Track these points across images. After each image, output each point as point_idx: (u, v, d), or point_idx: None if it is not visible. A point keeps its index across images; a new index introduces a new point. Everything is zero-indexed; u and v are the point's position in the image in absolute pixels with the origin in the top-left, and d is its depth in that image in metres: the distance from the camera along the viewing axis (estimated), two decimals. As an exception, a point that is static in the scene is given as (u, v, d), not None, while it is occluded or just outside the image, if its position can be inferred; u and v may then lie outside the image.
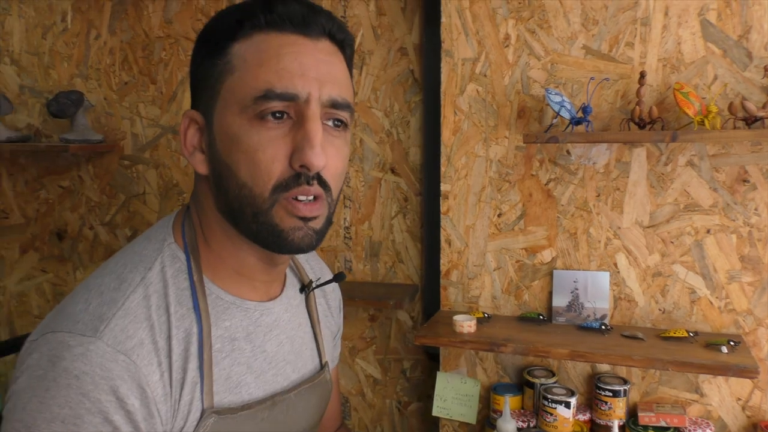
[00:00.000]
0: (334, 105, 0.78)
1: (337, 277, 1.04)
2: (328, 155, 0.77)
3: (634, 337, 1.51)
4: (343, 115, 0.80)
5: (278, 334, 0.91)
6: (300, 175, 0.75)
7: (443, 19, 1.67)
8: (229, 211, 0.79)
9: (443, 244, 1.74)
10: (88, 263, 2.17)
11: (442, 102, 1.70)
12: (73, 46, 2.09)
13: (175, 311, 0.78)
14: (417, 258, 1.86)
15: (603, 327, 1.55)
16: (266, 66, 0.74)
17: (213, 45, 0.78)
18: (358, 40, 1.84)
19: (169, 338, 0.76)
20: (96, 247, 2.16)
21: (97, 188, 2.13)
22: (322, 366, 1.01)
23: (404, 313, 1.89)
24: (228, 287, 0.85)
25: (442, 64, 1.69)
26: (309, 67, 0.75)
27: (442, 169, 1.72)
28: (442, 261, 1.75)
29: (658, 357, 1.39)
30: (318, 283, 1.02)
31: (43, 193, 2.18)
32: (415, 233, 1.85)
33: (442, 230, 1.74)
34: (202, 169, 0.80)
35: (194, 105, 0.82)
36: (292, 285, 0.99)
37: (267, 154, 0.74)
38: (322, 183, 0.77)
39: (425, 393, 1.89)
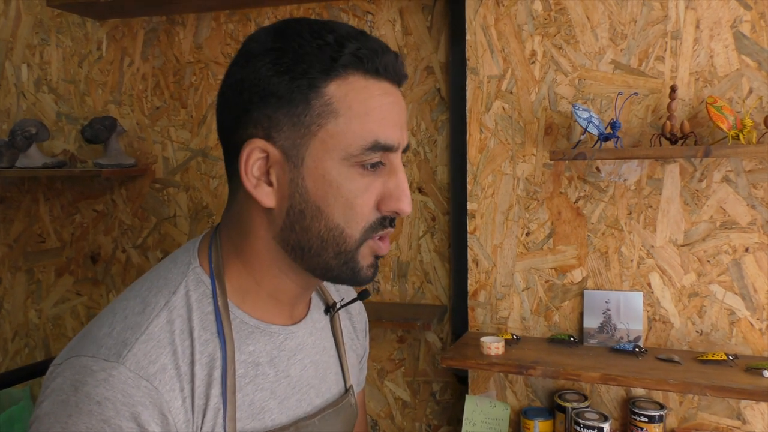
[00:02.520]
0: (405, 149, 0.82)
1: (361, 296, 1.03)
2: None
3: (670, 360, 1.45)
4: (404, 157, 0.84)
5: (302, 358, 0.89)
6: (386, 218, 0.79)
7: (468, 37, 1.66)
8: (301, 246, 0.79)
9: (470, 264, 1.72)
10: (121, 286, 2.20)
11: (468, 120, 1.68)
12: (107, 73, 2.15)
13: (199, 336, 0.77)
14: (445, 278, 1.83)
15: (637, 349, 1.50)
16: (371, 116, 0.75)
17: (302, 76, 0.74)
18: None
19: (192, 363, 0.75)
20: (128, 269, 2.19)
21: (129, 211, 2.17)
22: (347, 390, 1.00)
23: (433, 334, 1.86)
24: (253, 311, 0.84)
25: (468, 82, 1.67)
26: (399, 117, 0.78)
27: (469, 187, 1.70)
28: (469, 281, 1.72)
29: (696, 381, 1.33)
30: (342, 303, 1.01)
31: (78, 217, 2.23)
32: (444, 253, 1.82)
33: (469, 250, 1.71)
34: (269, 202, 0.78)
35: (259, 134, 0.76)
36: (317, 307, 0.98)
37: (363, 200, 0.77)
38: (394, 221, 0.82)
39: (455, 416, 1.84)
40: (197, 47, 2.04)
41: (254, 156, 0.77)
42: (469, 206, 1.71)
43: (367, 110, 0.75)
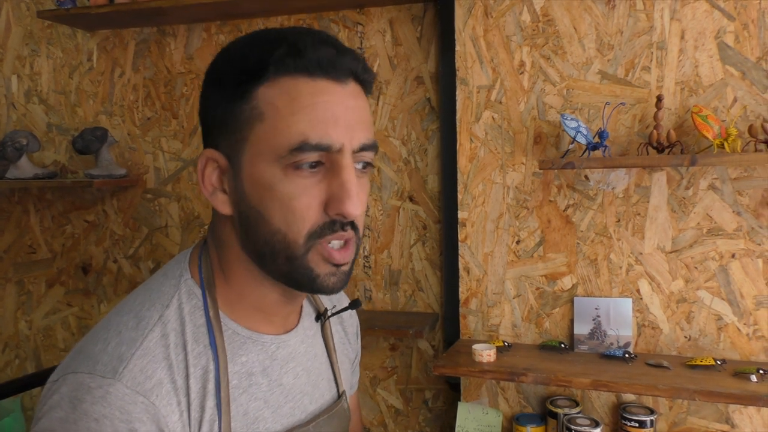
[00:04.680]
0: (363, 148, 0.77)
1: (353, 305, 1.03)
2: (359, 198, 0.76)
3: (660, 366, 1.47)
4: (370, 156, 0.80)
5: (294, 366, 0.90)
6: (335, 222, 0.76)
7: (458, 48, 1.68)
8: (258, 253, 0.79)
9: (462, 272, 1.73)
10: (113, 296, 2.20)
11: (458, 129, 1.70)
12: (98, 84, 2.15)
13: (192, 349, 0.78)
14: (437, 286, 1.84)
15: (627, 355, 1.51)
16: (299, 115, 0.73)
17: (233, 86, 0.75)
18: (374, 70, 1.85)
19: (187, 377, 0.76)
20: (120, 280, 2.19)
21: (120, 222, 2.17)
22: (340, 395, 1.00)
23: (425, 342, 1.87)
24: (244, 322, 0.84)
25: (458, 92, 1.69)
26: (341, 116, 0.74)
27: (459, 196, 1.71)
28: (461, 289, 1.73)
29: (685, 386, 1.35)
30: (333, 311, 1.02)
31: (69, 227, 2.22)
32: (435, 261, 1.83)
33: (460, 258, 1.73)
34: (225, 209, 0.79)
35: (211, 144, 0.80)
36: (308, 314, 0.98)
37: (302, 202, 0.74)
38: (353, 226, 0.78)
39: (448, 423, 1.85)
40: (188, 58, 2.05)
41: (210, 165, 0.79)
42: (460, 215, 1.72)
43: (293, 110, 0.73)
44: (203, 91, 0.81)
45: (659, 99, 1.46)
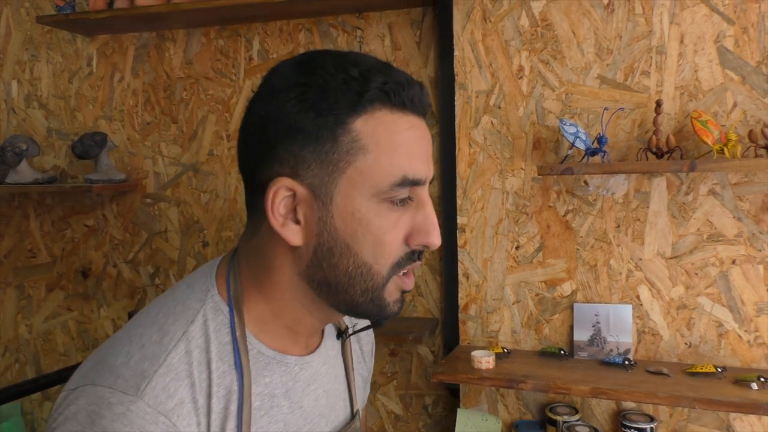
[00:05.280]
0: (431, 181, 0.80)
1: (377, 324, 0.99)
2: None
3: (659, 373, 1.45)
4: (429, 187, 0.82)
5: (316, 388, 0.88)
6: (414, 252, 0.77)
7: (456, 53, 1.68)
8: (327, 283, 0.78)
9: (461, 277, 1.72)
10: (112, 301, 2.20)
11: (456, 134, 1.69)
12: (97, 89, 2.15)
13: (217, 368, 0.76)
14: (437, 291, 1.83)
15: (626, 362, 1.50)
16: (400, 151, 0.73)
17: (328, 112, 0.72)
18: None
19: (209, 396, 0.74)
20: (120, 284, 2.18)
21: (120, 226, 2.17)
22: (354, 415, 0.99)
23: (425, 347, 1.86)
24: (270, 341, 0.83)
25: (456, 97, 1.69)
26: (426, 150, 0.77)
27: (458, 201, 1.71)
28: (460, 295, 1.73)
29: (685, 394, 1.34)
30: (355, 329, 1.00)
31: (68, 232, 2.22)
32: (435, 266, 1.83)
33: (459, 264, 1.72)
34: (296, 240, 0.76)
35: (286, 172, 0.75)
36: (330, 334, 0.96)
37: (392, 236, 0.75)
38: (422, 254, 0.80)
39: (448, 429, 1.84)
40: (187, 63, 2.04)
41: (281, 194, 0.75)
42: (459, 220, 1.71)
43: (395, 145, 0.73)
44: (272, 112, 0.74)
45: (658, 104, 1.45)
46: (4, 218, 2.29)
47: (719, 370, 1.42)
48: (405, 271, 0.78)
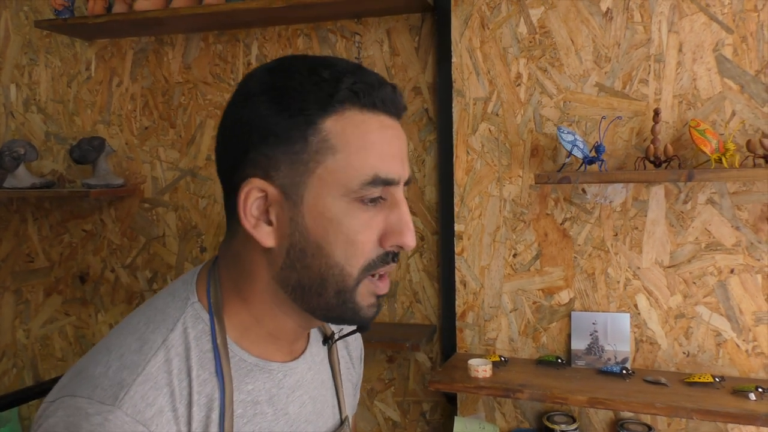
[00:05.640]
0: (407, 182, 0.79)
1: (362, 328, 0.99)
2: None
3: (657, 383, 1.45)
4: (406, 189, 0.81)
5: (301, 394, 0.87)
6: (388, 254, 0.77)
7: (454, 59, 1.67)
8: (301, 286, 0.77)
9: (458, 285, 1.72)
10: (110, 306, 2.19)
11: (454, 142, 1.69)
12: (96, 93, 2.15)
13: (197, 376, 0.75)
14: (434, 298, 1.83)
15: (624, 371, 1.50)
16: (371, 150, 0.73)
17: (299, 113, 0.73)
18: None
19: (189, 405, 0.73)
20: (117, 289, 2.18)
21: (118, 231, 2.16)
22: (342, 421, 0.98)
23: (422, 354, 1.86)
24: (252, 348, 0.82)
25: (454, 104, 1.68)
26: (400, 150, 0.77)
27: (456, 209, 1.70)
28: (457, 303, 1.72)
29: (683, 405, 1.33)
30: (341, 334, 0.98)
31: (66, 236, 2.22)
32: (433, 273, 1.82)
33: (457, 271, 1.71)
34: (269, 242, 0.76)
35: (257, 173, 0.75)
36: (316, 339, 0.95)
37: (365, 236, 0.75)
38: (398, 256, 0.80)
39: (445, 437, 1.84)
40: (186, 67, 2.04)
41: (253, 195, 0.75)
42: (457, 227, 1.71)
43: (365, 144, 0.73)
44: (245, 116, 0.76)
45: (657, 112, 1.45)
46: (2, 222, 2.29)
47: (717, 379, 1.42)
48: (380, 273, 0.77)
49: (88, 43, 2.14)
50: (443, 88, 1.71)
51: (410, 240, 0.75)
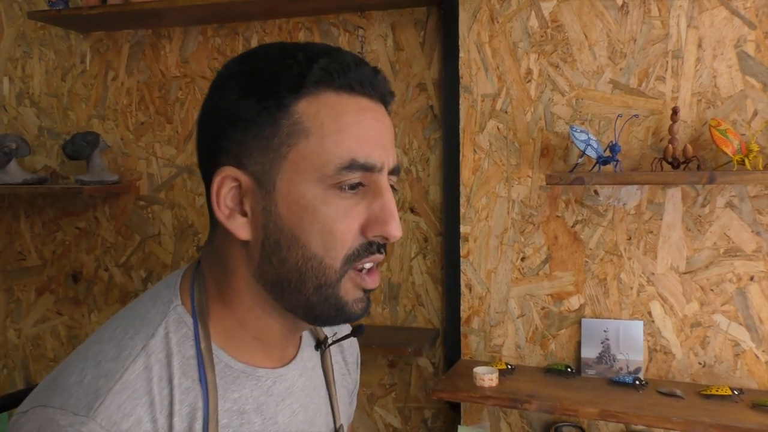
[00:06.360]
0: (393, 171, 0.75)
1: (356, 332, 0.94)
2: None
3: (672, 395, 1.38)
4: (394, 179, 0.76)
5: (291, 402, 0.83)
6: (372, 244, 0.72)
7: (462, 54, 1.61)
8: (280, 281, 0.73)
9: (463, 289, 1.65)
10: (103, 306, 2.13)
11: (461, 140, 1.62)
12: (91, 87, 2.09)
13: (179, 383, 0.71)
14: (438, 301, 1.76)
15: (637, 382, 1.43)
16: (346, 133, 0.69)
17: (269, 96, 0.69)
18: (375, 77, 1.78)
19: (170, 415, 0.69)
20: (111, 289, 2.12)
21: (112, 229, 2.10)
22: (336, 431, 0.93)
23: (425, 359, 1.79)
24: (240, 354, 0.77)
25: (461, 101, 1.62)
26: (382, 135, 0.72)
27: (462, 210, 1.64)
28: (462, 307, 1.66)
29: (700, 419, 1.27)
30: (334, 339, 0.94)
31: (59, 234, 2.16)
32: (436, 275, 1.75)
33: (462, 274, 1.65)
34: (244, 234, 0.72)
35: (230, 161, 0.72)
36: (308, 344, 0.91)
37: (344, 225, 0.70)
38: (385, 247, 0.75)
39: (447, 446, 1.78)
40: (183, 61, 1.98)
41: (226, 185, 0.71)
42: (462, 229, 1.64)
43: (340, 127, 0.69)
44: (217, 102, 0.72)
45: (675, 111, 1.38)
46: (-6, 219, 2.23)
47: (735, 392, 1.35)
48: (368, 267, 0.73)
49: (83, 35, 2.07)
50: (449, 85, 1.64)
51: (394, 230, 0.71)
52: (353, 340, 1.04)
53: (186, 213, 2.02)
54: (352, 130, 0.69)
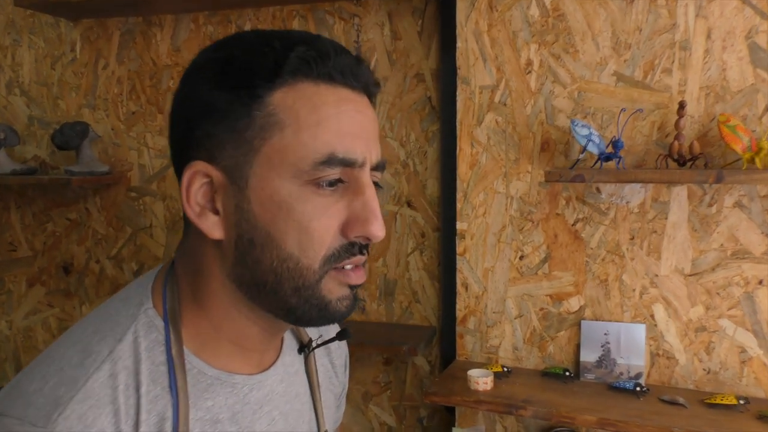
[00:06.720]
0: (377, 167, 0.70)
1: (341, 335, 0.90)
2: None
3: (675, 403, 1.33)
4: (379, 175, 0.71)
5: (270, 410, 0.79)
6: (353, 245, 0.68)
7: (459, 44, 1.54)
8: (255, 283, 0.69)
9: (459, 287, 1.60)
10: (95, 298, 2.09)
11: (458, 133, 1.56)
12: (81, 76, 2.03)
13: (147, 392, 0.67)
14: (435, 298, 1.71)
15: (638, 388, 1.38)
16: (324, 126, 0.65)
17: (241, 89, 0.65)
18: (372, 66, 1.72)
19: (136, 424, 0.65)
20: (102, 281, 2.08)
21: (103, 221, 2.06)
22: None
23: (421, 357, 1.74)
24: (215, 360, 0.73)
25: (458, 93, 1.55)
26: (363, 128, 0.68)
27: (459, 205, 1.58)
28: (458, 306, 1.60)
29: (703, 430, 1.21)
30: (319, 342, 0.89)
31: (50, 225, 2.12)
32: (433, 271, 1.70)
33: (458, 273, 1.59)
34: (217, 233, 0.68)
35: (201, 156, 0.68)
36: (290, 348, 0.86)
37: (322, 224, 0.66)
38: (367, 248, 0.70)
39: (443, 447, 1.73)
40: (175, 50, 1.92)
41: (197, 181, 0.67)
42: (459, 226, 1.58)
43: (318, 119, 0.64)
44: (188, 92, 0.69)
45: (681, 105, 1.31)
46: (-16, 210, 2.19)
47: (741, 401, 1.29)
48: (346, 265, 0.68)
49: (72, 23, 2.02)
50: (447, 76, 1.58)
51: (376, 230, 0.66)
52: (342, 342, 1.00)
53: (178, 205, 1.97)
54: (331, 122, 0.65)
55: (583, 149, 1.34)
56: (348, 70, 0.67)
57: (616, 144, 1.33)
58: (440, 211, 1.65)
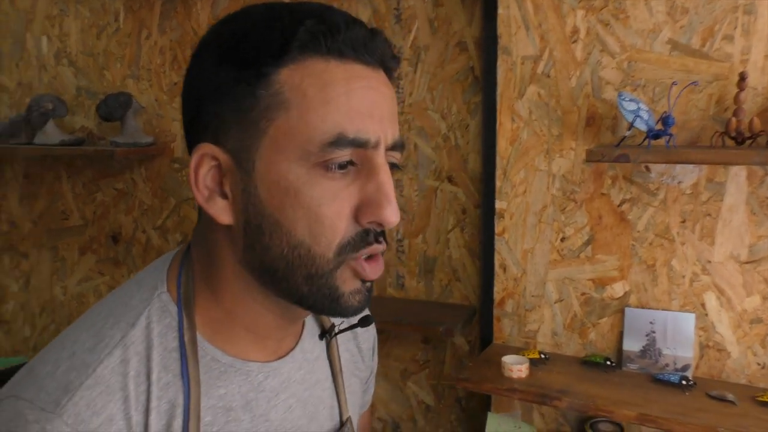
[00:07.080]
0: (394, 147, 0.67)
1: (363, 322, 0.87)
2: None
3: (723, 399, 1.24)
4: (398, 156, 0.68)
5: (287, 398, 0.77)
6: (368, 232, 0.65)
7: (500, 11, 1.45)
8: (266, 269, 0.67)
9: (497, 269, 1.54)
10: (142, 267, 2.13)
11: (498, 107, 1.48)
12: (125, 46, 2.04)
13: (159, 378, 0.66)
14: (475, 277, 1.65)
15: (684, 382, 1.30)
16: (333, 105, 0.62)
17: (247, 67, 0.63)
18: (413, 34, 1.64)
19: (147, 411, 0.65)
20: (149, 251, 2.12)
21: (149, 191, 2.08)
22: (343, 423, 0.87)
23: (461, 336, 1.70)
24: (229, 346, 0.72)
25: (499, 63, 1.47)
26: (377, 106, 0.64)
27: (498, 183, 1.51)
28: (495, 288, 1.54)
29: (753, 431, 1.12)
30: (341, 328, 0.87)
31: (99, 195, 2.16)
32: (474, 249, 1.64)
33: (496, 254, 1.53)
34: (225, 218, 0.66)
35: (208, 137, 0.66)
36: (311, 334, 0.84)
37: (332, 209, 0.63)
38: (384, 236, 0.67)
39: (482, 425, 1.69)
40: (215, 18, 1.90)
41: (205, 164, 0.65)
42: (498, 205, 1.51)
43: (327, 98, 0.61)
44: (196, 71, 0.67)
45: (742, 77, 1.20)
46: (37, 178, 2.26)
47: (797, 401, 1.19)
48: (363, 255, 0.65)
49: (116, -9, 2.02)
50: (489, 45, 1.49)
51: (389, 215, 0.63)
52: (370, 326, 0.96)
53: (219, 177, 1.97)
54: (341, 101, 0.62)
55: (630, 126, 1.24)
56: (360, 44, 0.63)
57: (666, 121, 1.22)
58: (479, 188, 1.58)
